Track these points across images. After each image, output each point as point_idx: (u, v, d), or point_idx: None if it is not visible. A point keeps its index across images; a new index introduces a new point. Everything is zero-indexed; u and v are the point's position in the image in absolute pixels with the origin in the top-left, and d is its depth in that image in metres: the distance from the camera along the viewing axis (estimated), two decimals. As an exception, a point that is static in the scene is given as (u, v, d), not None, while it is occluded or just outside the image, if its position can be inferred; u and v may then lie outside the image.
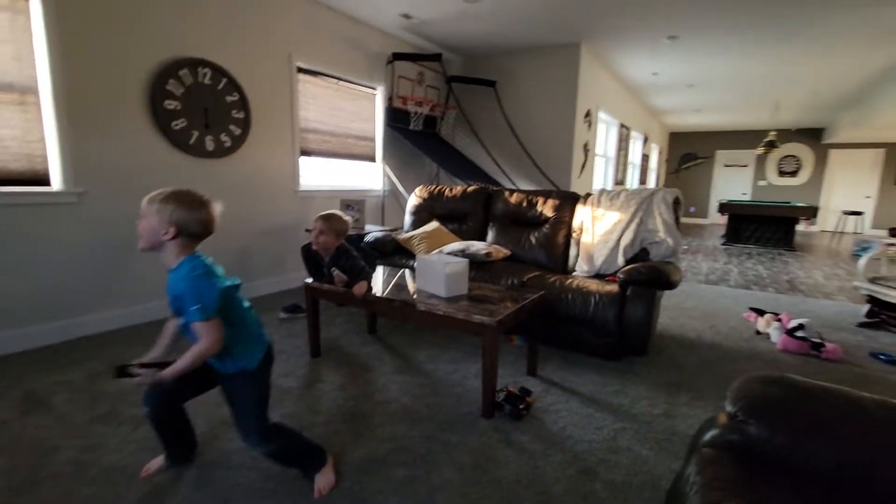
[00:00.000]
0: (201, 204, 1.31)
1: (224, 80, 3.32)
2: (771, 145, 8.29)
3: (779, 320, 3.15)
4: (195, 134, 3.19)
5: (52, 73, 2.52)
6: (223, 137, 3.37)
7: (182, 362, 1.26)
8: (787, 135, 11.11)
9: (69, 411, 1.92)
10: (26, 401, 2.00)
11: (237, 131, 3.46)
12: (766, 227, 7.84)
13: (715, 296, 4.23)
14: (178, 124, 3.09)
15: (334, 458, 1.60)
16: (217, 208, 1.35)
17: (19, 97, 2.45)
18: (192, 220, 1.28)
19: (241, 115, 3.46)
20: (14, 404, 1.97)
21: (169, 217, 1.25)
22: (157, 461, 1.55)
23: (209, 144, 3.29)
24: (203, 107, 3.22)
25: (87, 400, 2.01)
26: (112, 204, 2.82)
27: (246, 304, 1.43)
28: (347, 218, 2.53)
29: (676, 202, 2.86)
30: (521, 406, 1.93)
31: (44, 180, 2.58)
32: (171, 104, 3.03)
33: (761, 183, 11.79)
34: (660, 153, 11.57)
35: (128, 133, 2.88)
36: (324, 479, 1.49)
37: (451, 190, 3.69)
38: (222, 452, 1.66)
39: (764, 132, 11.01)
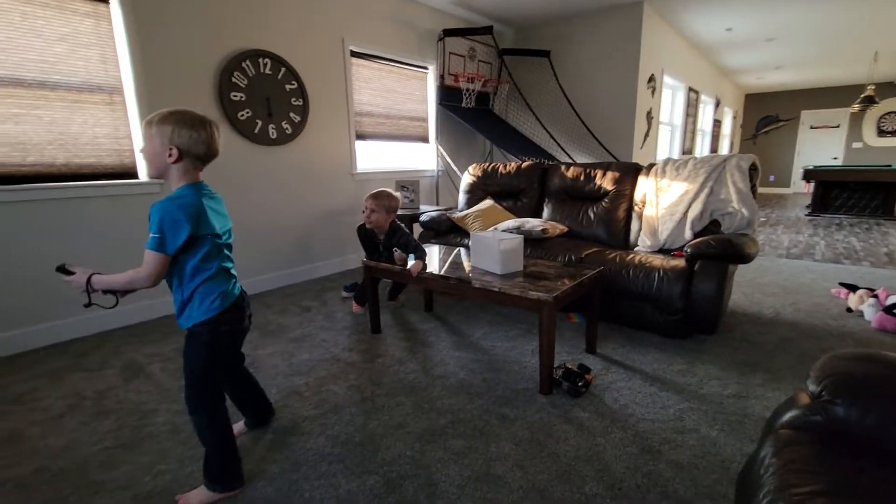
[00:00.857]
0: (202, 122, 1.24)
1: (283, 70, 3.44)
2: (869, 101, 7.33)
3: (874, 296, 2.83)
4: (259, 123, 3.36)
5: (134, 72, 2.74)
6: (284, 125, 3.52)
7: (113, 278, 1.22)
8: (888, 88, 9.77)
9: (164, 379, 2.14)
10: (127, 369, 2.25)
11: (297, 118, 3.59)
12: (861, 194, 7.02)
13: (797, 271, 3.88)
14: (244, 114, 3.26)
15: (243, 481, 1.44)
16: (219, 130, 1.29)
17: (108, 97, 2.69)
18: (193, 140, 1.21)
19: (299, 103, 3.59)
20: (118, 372, 2.23)
21: (170, 137, 1.19)
22: (239, 425, 1.69)
23: (272, 132, 3.45)
24: (265, 96, 3.37)
25: (178, 369, 2.23)
26: (189, 192, 3.05)
27: (228, 263, 1.36)
28: (397, 194, 2.61)
29: (753, 169, 2.64)
30: (579, 383, 1.90)
31: (131, 173, 2.84)
32: (236, 95, 3.20)
33: (856, 145, 10.51)
34: (734, 118, 10.62)
35: (200, 125, 3.08)
36: (197, 497, 1.36)
37: (504, 167, 3.63)
38: (295, 420, 1.79)
39: (860, 87, 9.75)
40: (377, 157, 4.48)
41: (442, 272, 2.25)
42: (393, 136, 4.54)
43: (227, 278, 1.35)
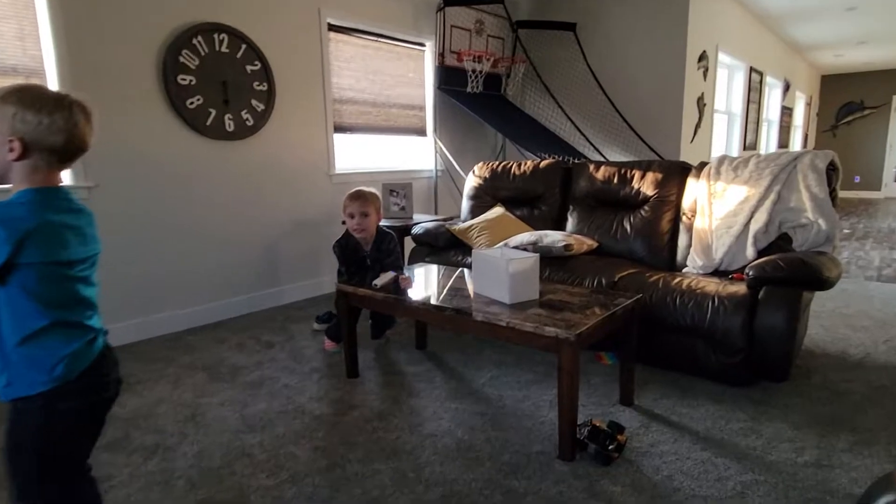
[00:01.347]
0: (58, 103, 1.05)
1: (243, 47, 3.46)
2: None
3: None
4: (213, 112, 3.36)
5: (58, 51, 2.75)
6: (244, 115, 3.52)
7: None
8: None
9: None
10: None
11: (260, 107, 3.60)
12: (970, 200, 6.93)
13: (892, 297, 3.81)
14: (194, 102, 3.27)
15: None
16: (88, 114, 1.11)
17: (25, 81, 2.70)
18: (45, 127, 1.03)
19: (263, 88, 3.60)
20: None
21: (11, 124, 1.01)
22: None
23: (229, 124, 3.45)
24: (221, 80, 3.38)
25: (99, 424, 2.18)
26: (125, 197, 3.03)
27: (85, 311, 1.14)
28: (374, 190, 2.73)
29: (832, 169, 2.62)
30: (610, 446, 1.84)
31: (52, 174, 2.83)
32: (185, 79, 3.21)
33: (962, 138, 10.46)
34: (808, 104, 10.64)
35: (141, 116, 3.08)
36: None
37: (519, 166, 3.64)
38: (242, 492, 1.72)
39: (965, 66, 9.76)
40: (361, 155, 4.49)
41: (437, 301, 2.21)
42: (380, 128, 4.55)
43: (78, 332, 1.12)
